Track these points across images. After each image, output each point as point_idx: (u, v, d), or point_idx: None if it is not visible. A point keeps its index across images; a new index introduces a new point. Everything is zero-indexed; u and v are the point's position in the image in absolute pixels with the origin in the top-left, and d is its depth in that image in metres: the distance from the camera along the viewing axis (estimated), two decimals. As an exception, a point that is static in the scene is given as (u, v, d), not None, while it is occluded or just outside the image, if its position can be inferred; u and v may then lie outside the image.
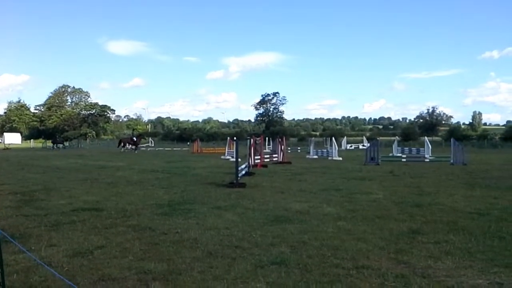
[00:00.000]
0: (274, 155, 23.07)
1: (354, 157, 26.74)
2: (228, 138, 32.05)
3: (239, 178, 11.84)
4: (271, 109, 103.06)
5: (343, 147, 44.07)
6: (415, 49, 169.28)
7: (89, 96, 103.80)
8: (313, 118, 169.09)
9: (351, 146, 47.51)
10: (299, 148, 44.60)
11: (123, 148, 40.50)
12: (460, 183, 12.37)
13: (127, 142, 41.74)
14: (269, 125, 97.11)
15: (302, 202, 8.71)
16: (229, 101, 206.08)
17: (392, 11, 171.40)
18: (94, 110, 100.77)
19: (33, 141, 71.15)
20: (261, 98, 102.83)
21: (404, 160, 24.30)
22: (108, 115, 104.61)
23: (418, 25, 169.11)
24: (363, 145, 44.03)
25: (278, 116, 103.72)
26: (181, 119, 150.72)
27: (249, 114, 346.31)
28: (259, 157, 19.40)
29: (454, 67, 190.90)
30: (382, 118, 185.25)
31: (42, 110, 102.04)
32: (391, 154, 30.30)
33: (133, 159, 26.97)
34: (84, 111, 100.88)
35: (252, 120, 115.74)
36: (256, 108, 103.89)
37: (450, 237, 5.64)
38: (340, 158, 25.14)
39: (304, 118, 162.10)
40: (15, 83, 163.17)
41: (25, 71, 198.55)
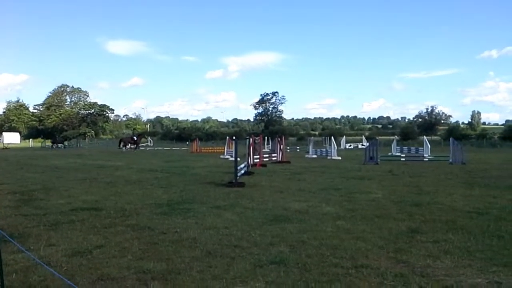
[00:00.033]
0: (273, 155, 23.08)
1: (353, 157, 26.76)
2: (227, 137, 32.10)
3: (238, 178, 11.84)
4: (270, 109, 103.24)
5: (342, 147, 44.14)
6: (414, 49, 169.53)
7: (88, 96, 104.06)
8: (312, 117, 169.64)
9: (350, 146, 47.57)
10: (298, 147, 44.66)
11: (124, 147, 40.55)
12: (459, 182, 12.38)
13: (128, 142, 41.80)
14: (268, 124, 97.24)
15: (301, 202, 8.71)
16: (228, 100, 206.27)
17: (391, 11, 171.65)
18: (93, 109, 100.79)
19: (32, 140, 71.12)
20: (260, 97, 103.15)
21: (403, 159, 24.31)
22: (107, 114, 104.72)
23: (417, 25, 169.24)
24: (362, 145, 44.10)
25: (277, 115, 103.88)
26: (180, 118, 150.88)
27: (248, 113, 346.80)
28: (258, 156, 19.41)
29: (453, 67, 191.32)
30: (381, 117, 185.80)
31: (41, 109, 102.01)
32: (390, 154, 30.33)
33: (132, 158, 26.96)
34: (83, 111, 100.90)
35: (251, 120, 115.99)
36: (255, 108, 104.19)
37: (449, 236, 5.64)
38: (339, 158, 25.16)
39: (303, 118, 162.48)
40: (14, 82, 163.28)
41: (24, 71, 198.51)
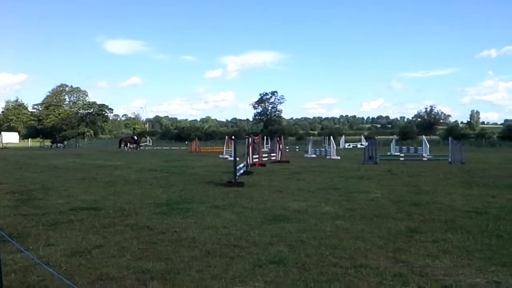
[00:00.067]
0: (272, 154, 23.08)
1: (352, 156, 26.78)
2: (226, 137, 32.07)
3: (237, 177, 11.84)
4: (269, 108, 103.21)
5: (341, 146, 44.17)
6: (413, 48, 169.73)
7: (87, 95, 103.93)
8: (311, 117, 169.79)
9: (349, 145, 47.60)
10: (297, 147, 44.68)
11: (125, 147, 40.61)
12: (458, 182, 12.39)
13: (129, 141, 41.86)
14: (267, 124, 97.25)
15: (300, 201, 8.71)
16: (227, 100, 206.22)
17: (390, 10, 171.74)
18: (92, 109, 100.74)
19: (31, 140, 71.08)
20: (259, 97, 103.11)
21: (402, 159, 24.33)
22: (106, 114, 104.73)
23: (416, 24, 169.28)
24: (361, 144, 44.13)
25: (276, 115, 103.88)
26: (179, 118, 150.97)
27: (247, 113, 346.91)
28: (257, 156, 19.41)
29: (452, 66, 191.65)
30: (380, 117, 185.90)
31: (40, 109, 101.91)
32: (389, 153, 30.37)
33: (131, 158, 26.95)
34: (82, 110, 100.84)
35: (250, 119, 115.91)
36: (254, 107, 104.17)
37: (448, 236, 5.64)
38: (338, 157, 25.17)
39: (302, 117, 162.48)
40: (13, 82, 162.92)
41: (23, 70, 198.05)
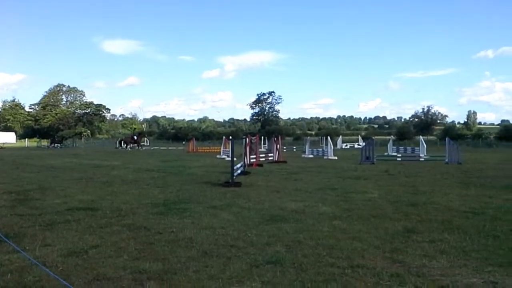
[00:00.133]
0: (269, 154, 23.07)
1: (350, 156, 26.80)
2: (224, 137, 32.01)
3: (234, 177, 11.83)
4: (267, 108, 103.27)
5: (338, 146, 44.17)
6: (411, 49, 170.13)
7: (84, 95, 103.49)
8: (309, 117, 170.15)
9: (346, 145, 47.59)
10: (294, 147, 44.64)
11: (126, 147, 40.60)
12: (455, 182, 12.42)
13: (129, 141, 41.87)
14: (265, 124, 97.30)
15: (297, 201, 8.71)
16: (224, 100, 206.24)
17: (387, 11, 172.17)
18: (89, 109, 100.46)
19: (27, 140, 70.80)
20: (257, 97, 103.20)
21: (399, 159, 24.39)
22: (103, 114, 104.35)
23: (413, 25, 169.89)
24: (359, 144, 44.17)
25: (274, 115, 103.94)
26: (177, 118, 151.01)
27: (244, 113, 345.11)
28: (254, 156, 19.40)
29: (449, 67, 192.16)
30: (377, 117, 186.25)
31: (37, 109, 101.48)
32: (386, 153, 30.38)
33: (128, 158, 26.90)
34: (79, 110, 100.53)
35: (248, 119, 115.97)
36: (252, 107, 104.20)
37: (445, 236, 5.66)
38: (336, 157, 25.18)
39: (299, 117, 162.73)
40: (10, 82, 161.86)
41: (20, 70, 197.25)
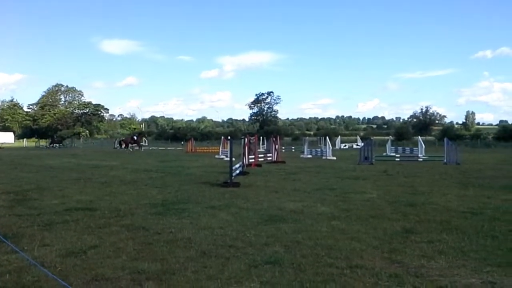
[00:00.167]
0: (268, 155, 23.07)
1: (348, 157, 26.81)
2: (222, 137, 31.98)
3: (233, 178, 11.82)
4: (265, 109, 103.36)
5: (337, 147, 44.20)
6: (410, 49, 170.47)
7: (82, 95, 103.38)
8: (307, 117, 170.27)
9: (345, 146, 47.62)
10: (293, 147, 44.63)
11: (127, 147, 40.60)
12: (453, 182, 12.44)
13: (129, 142, 41.86)
14: (263, 124, 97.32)
15: (296, 202, 8.71)
16: (223, 100, 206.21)
17: (386, 11, 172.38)
18: (88, 109, 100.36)
19: (26, 140, 70.67)
20: (256, 97, 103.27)
21: (398, 159, 24.41)
22: (102, 114, 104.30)
23: (412, 25, 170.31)
24: (357, 145, 44.15)
25: (272, 115, 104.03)
26: (175, 118, 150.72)
27: (243, 113, 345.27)
28: (253, 156, 19.39)
29: (448, 67, 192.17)
30: (376, 117, 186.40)
31: (35, 109, 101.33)
32: (384, 154, 30.40)
33: (126, 158, 26.87)
34: (77, 110, 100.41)
35: (246, 120, 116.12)
36: (251, 108, 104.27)
37: (443, 237, 5.66)
38: (334, 158, 25.20)
39: (298, 118, 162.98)
40: (8, 82, 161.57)
41: (18, 70, 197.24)
